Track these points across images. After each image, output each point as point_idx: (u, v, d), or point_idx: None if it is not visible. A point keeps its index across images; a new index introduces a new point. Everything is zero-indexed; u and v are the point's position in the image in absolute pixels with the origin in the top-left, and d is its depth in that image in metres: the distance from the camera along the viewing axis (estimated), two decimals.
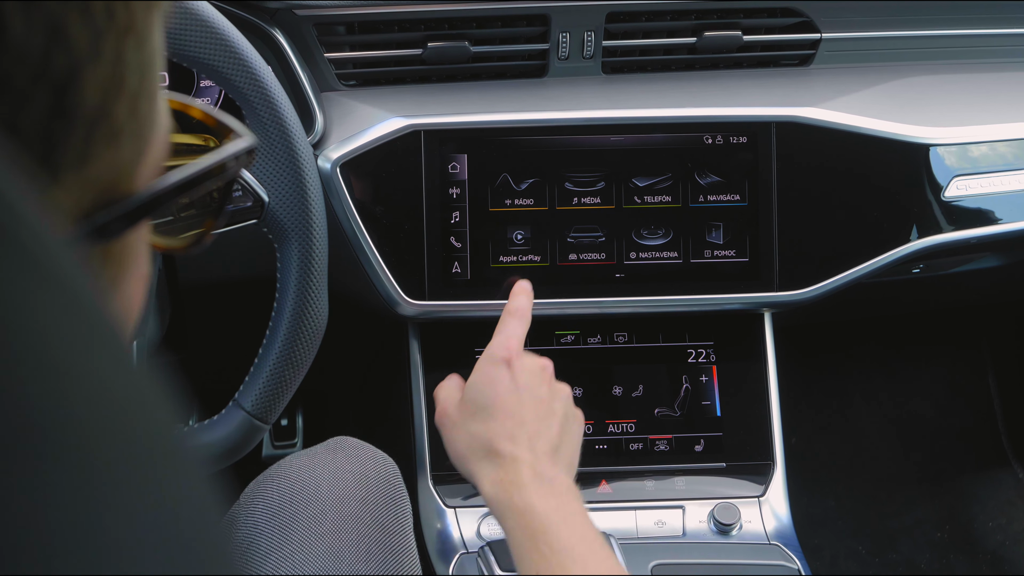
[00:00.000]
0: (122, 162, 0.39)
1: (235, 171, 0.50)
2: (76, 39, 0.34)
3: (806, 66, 1.43)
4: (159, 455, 0.29)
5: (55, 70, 0.34)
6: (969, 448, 2.03)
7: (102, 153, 0.37)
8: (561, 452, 0.95)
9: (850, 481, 1.97)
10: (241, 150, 0.50)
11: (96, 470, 0.27)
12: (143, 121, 0.39)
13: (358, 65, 1.32)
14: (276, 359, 1.02)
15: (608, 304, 1.30)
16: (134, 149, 0.39)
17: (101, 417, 0.27)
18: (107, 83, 0.36)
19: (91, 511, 0.26)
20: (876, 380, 2.06)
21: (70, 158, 0.36)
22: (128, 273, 0.43)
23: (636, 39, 1.37)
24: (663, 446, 1.35)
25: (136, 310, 0.45)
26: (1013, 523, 1.92)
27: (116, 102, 0.37)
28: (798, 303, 1.33)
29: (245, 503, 1.07)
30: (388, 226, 1.26)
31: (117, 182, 0.39)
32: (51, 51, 0.34)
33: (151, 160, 0.41)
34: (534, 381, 0.98)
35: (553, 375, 1.02)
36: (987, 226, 1.36)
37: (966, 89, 1.43)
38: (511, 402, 0.95)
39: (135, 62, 0.37)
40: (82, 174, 0.37)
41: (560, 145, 1.28)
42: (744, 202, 1.30)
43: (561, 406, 0.99)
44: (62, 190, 0.36)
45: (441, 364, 1.34)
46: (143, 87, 0.38)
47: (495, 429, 0.94)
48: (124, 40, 0.36)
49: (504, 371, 0.98)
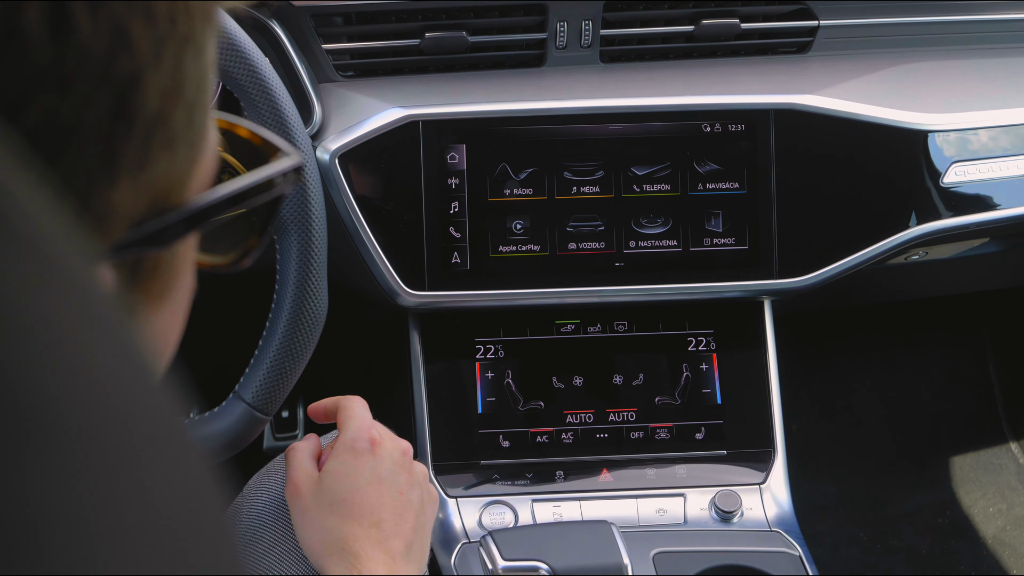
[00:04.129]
0: (176, 171, 0.39)
1: (282, 189, 0.51)
2: (139, 44, 0.35)
3: (804, 53, 1.43)
4: (163, 445, 0.30)
5: (118, 73, 0.35)
6: (970, 433, 2.03)
7: (159, 159, 0.38)
8: (413, 549, 0.93)
9: (851, 467, 1.97)
10: (289, 168, 0.51)
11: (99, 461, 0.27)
12: (197, 131, 0.40)
13: (356, 56, 1.32)
14: (276, 351, 1.02)
15: (608, 293, 1.31)
16: (188, 158, 0.40)
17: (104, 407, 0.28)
18: (167, 90, 0.37)
19: (94, 502, 0.26)
20: (876, 366, 2.07)
21: (128, 161, 0.37)
22: (175, 285, 0.44)
23: (634, 27, 1.37)
24: (664, 434, 1.35)
25: (182, 322, 0.46)
26: (1014, 508, 1.93)
27: (174, 109, 0.38)
28: (797, 290, 1.33)
29: (248, 495, 1.07)
30: (387, 217, 1.26)
31: (170, 191, 0.40)
32: (115, 53, 0.35)
33: (202, 172, 0.42)
34: (394, 470, 0.94)
35: (412, 458, 0.98)
36: (986, 212, 1.36)
37: (964, 75, 1.42)
38: (371, 497, 0.92)
39: (193, 72, 0.38)
40: (138, 179, 0.37)
41: (559, 134, 1.28)
42: (743, 190, 1.30)
43: (418, 495, 0.96)
44: (118, 193, 0.37)
45: (441, 354, 1.34)
46: (199, 97, 0.39)
47: (351, 528, 0.90)
48: (184, 49, 0.37)
49: (367, 460, 0.94)
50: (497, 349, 1.35)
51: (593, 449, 1.34)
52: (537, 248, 1.29)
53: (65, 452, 0.26)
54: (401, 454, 0.97)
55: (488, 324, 1.35)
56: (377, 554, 0.89)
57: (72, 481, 0.26)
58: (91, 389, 0.28)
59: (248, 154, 0.55)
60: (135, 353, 0.30)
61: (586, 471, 1.33)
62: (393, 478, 0.94)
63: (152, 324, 0.43)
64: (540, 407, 1.34)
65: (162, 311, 0.43)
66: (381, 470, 0.94)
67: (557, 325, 1.36)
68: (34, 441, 0.25)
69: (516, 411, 1.33)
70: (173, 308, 0.44)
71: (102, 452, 0.27)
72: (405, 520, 0.93)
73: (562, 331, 1.36)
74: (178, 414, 0.31)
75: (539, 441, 1.34)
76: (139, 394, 0.30)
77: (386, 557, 0.89)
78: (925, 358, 2.08)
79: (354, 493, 0.92)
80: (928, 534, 1.90)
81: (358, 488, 0.92)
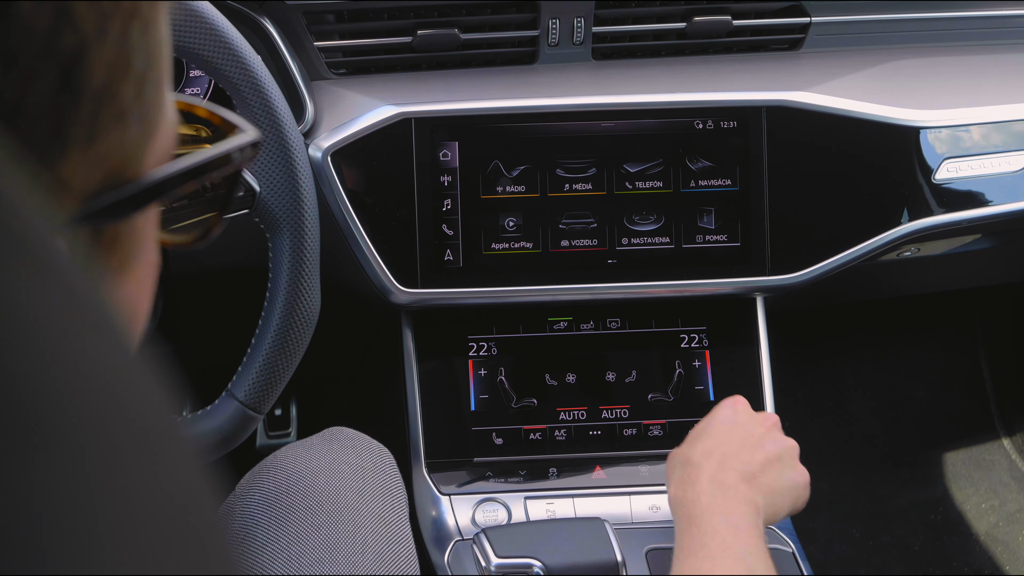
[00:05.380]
0: (129, 144, 0.40)
1: (239, 163, 0.52)
2: (82, 18, 0.36)
3: (796, 50, 1.43)
4: (155, 443, 0.29)
5: (62, 48, 0.35)
6: (962, 430, 2.04)
7: (109, 132, 0.38)
8: (759, 480, 1.01)
9: (844, 464, 1.97)
10: (245, 143, 0.52)
11: (90, 458, 0.27)
12: (149, 105, 0.40)
13: (348, 53, 1.32)
14: (269, 349, 1.02)
15: (601, 290, 1.30)
16: (141, 132, 0.40)
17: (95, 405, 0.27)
18: (113, 63, 0.37)
19: (85, 500, 0.26)
20: (869, 363, 2.07)
21: (77, 134, 0.37)
22: (136, 259, 0.44)
23: (626, 25, 1.37)
24: (657, 431, 1.35)
25: (147, 298, 0.46)
26: (1006, 504, 1.93)
27: (122, 83, 0.38)
28: (790, 287, 1.33)
29: (240, 494, 1.07)
30: (380, 214, 1.25)
31: (125, 164, 0.40)
32: (58, 29, 0.35)
33: (158, 146, 0.42)
34: (754, 422, 1.08)
35: (781, 432, 1.10)
36: (978, 208, 1.36)
37: (956, 72, 1.43)
38: (720, 431, 1.06)
39: (140, 46, 0.39)
40: (90, 152, 0.38)
41: (551, 131, 1.28)
42: (735, 187, 1.30)
43: (776, 448, 1.06)
44: (70, 166, 0.37)
45: (434, 352, 1.34)
46: (148, 72, 0.40)
47: (697, 447, 1.04)
48: (129, 23, 0.38)
49: (728, 411, 1.09)
50: (490, 346, 1.35)
51: (586, 446, 1.34)
52: (530, 245, 1.29)
53: (56, 449, 0.26)
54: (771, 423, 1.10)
55: (481, 321, 1.35)
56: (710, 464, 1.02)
57: (63, 479, 0.26)
58: (82, 386, 0.27)
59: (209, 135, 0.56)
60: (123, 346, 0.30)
61: (579, 468, 1.33)
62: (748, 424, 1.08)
63: (113, 299, 0.43)
64: (533, 404, 1.34)
65: (125, 286, 0.44)
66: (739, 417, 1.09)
67: (550, 322, 1.36)
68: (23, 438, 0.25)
69: (509, 408, 1.33)
70: (136, 282, 0.44)
71: (93, 449, 0.27)
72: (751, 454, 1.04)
73: (555, 328, 1.36)
74: (170, 409, 0.31)
75: (532, 438, 1.34)
76: (131, 391, 0.29)
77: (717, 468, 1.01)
78: (917, 355, 2.08)
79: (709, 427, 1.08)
80: (921, 531, 1.91)
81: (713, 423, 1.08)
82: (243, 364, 1.03)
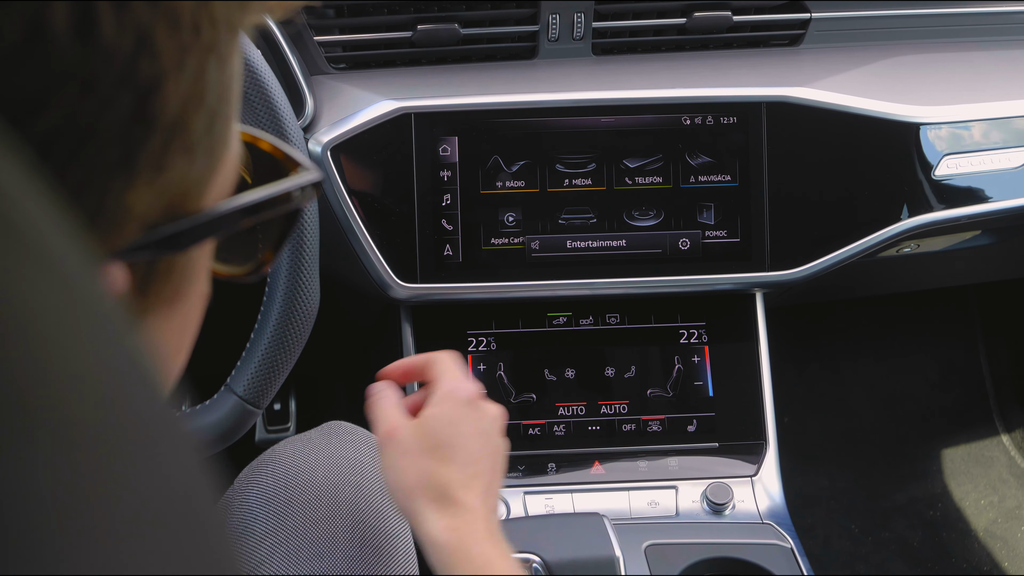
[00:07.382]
0: (194, 177, 0.40)
1: (299, 203, 0.51)
2: (162, 49, 0.36)
3: (796, 46, 1.43)
4: (155, 436, 0.29)
5: (140, 76, 0.36)
6: (961, 426, 2.04)
7: (176, 164, 0.38)
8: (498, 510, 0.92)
9: (843, 460, 1.97)
10: (307, 182, 0.52)
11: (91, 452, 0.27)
12: (217, 139, 0.41)
13: (348, 48, 1.32)
14: (268, 343, 1.02)
15: (600, 286, 1.30)
16: (206, 166, 0.41)
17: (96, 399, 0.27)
18: (187, 96, 0.38)
19: (86, 494, 0.26)
20: (868, 359, 2.07)
21: (146, 163, 0.37)
22: (188, 290, 0.44)
23: (626, 20, 1.36)
24: (656, 427, 1.35)
25: (194, 328, 0.46)
26: (1005, 500, 1.93)
27: (194, 116, 0.38)
28: (789, 283, 1.33)
29: (239, 488, 1.07)
30: (379, 209, 1.25)
31: (187, 197, 0.40)
32: (138, 56, 0.35)
33: (221, 181, 0.43)
34: (493, 429, 0.93)
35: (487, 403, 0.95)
36: (977, 204, 1.36)
37: (956, 68, 1.43)
38: (474, 448, 0.90)
39: (215, 81, 0.39)
40: (155, 182, 0.38)
41: (551, 127, 1.28)
42: (735, 182, 1.30)
43: (500, 439, 0.94)
44: (135, 195, 0.38)
45: (433, 347, 1.34)
46: (220, 106, 0.40)
47: (453, 474, 0.88)
48: (207, 58, 0.38)
49: (471, 413, 0.92)
50: (489, 341, 1.35)
51: (585, 441, 1.34)
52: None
53: (57, 444, 0.26)
54: (498, 417, 0.94)
55: (480, 316, 1.35)
56: (478, 505, 0.87)
57: (65, 473, 0.26)
58: (85, 382, 0.27)
59: (269, 168, 0.56)
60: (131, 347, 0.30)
61: (578, 463, 1.33)
62: (491, 436, 0.93)
63: (163, 328, 0.44)
64: (532, 399, 1.34)
65: (174, 316, 0.44)
66: (483, 424, 0.92)
67: (549, 318, 1.36)
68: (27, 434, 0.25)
69: (508, 403, 1.33)
70: (185, 313, 0.45)
71: (96, 444, 0.27)
72: (498, 479, 0.92)
73: (554, 324, 1.36)
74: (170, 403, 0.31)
75: (531, 433, 1.34)
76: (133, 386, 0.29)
77: (485, 511, 0.87)
78: (917, 351, 2.08)
79: (458, 441, 0.89)
80: (919, 527, 1.91)
81: (463, 436, 0.90)
82: (242, 358, 1.03)
